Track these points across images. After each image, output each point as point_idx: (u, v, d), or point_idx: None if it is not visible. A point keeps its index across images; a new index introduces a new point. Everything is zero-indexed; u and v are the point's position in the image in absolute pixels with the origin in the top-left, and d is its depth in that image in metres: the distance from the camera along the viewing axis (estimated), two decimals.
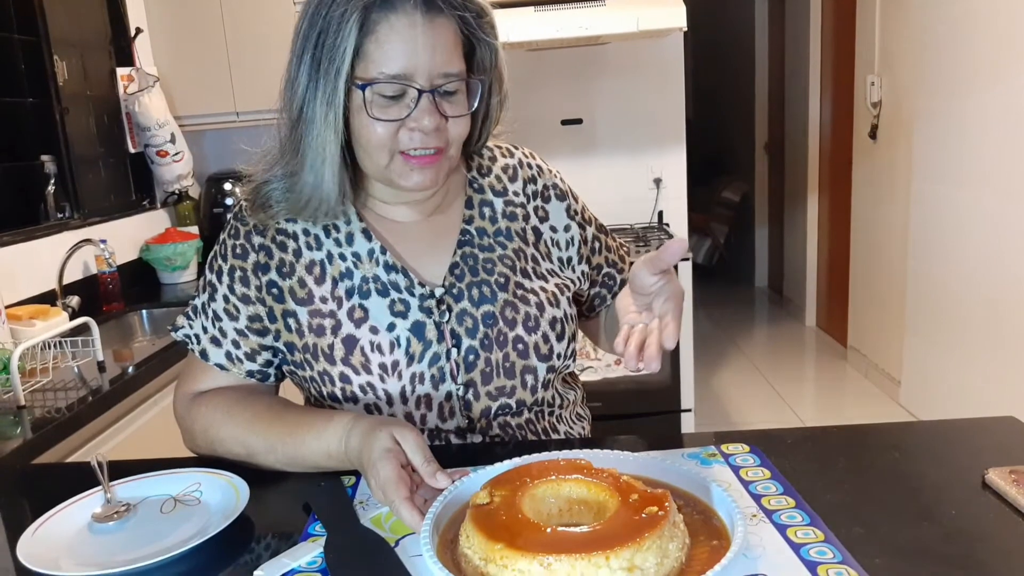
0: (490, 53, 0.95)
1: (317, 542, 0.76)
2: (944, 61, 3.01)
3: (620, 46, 3.36)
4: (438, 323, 0.97)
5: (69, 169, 2.44)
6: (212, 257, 1.02)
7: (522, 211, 1.05)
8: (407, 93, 0.88)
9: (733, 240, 6.05)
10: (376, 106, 0.88)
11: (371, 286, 0.97)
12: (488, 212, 1.04)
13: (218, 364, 1.00)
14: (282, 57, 0.93)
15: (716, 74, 6.63)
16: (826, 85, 4.51)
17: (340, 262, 0.98)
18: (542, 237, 1.06)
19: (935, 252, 3.16)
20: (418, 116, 0.88)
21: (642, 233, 3.26)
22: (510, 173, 1.07)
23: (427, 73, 0.87)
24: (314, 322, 0.96)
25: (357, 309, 0.96)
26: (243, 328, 0.99)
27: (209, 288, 1.01)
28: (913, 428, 1.19)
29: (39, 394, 1.61)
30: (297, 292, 0.97)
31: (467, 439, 0.99)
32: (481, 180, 1.05)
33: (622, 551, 0.63)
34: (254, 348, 1.00)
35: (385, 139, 0.89)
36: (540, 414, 1.04)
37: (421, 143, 0.89)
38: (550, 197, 1.08)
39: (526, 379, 1.00)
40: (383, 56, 0.86)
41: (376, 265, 0.98)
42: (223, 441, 0.96)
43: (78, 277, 2.38)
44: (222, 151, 3.26)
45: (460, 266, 1.00)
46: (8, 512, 0.95)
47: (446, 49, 0.88)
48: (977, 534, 0.73)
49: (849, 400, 3.84)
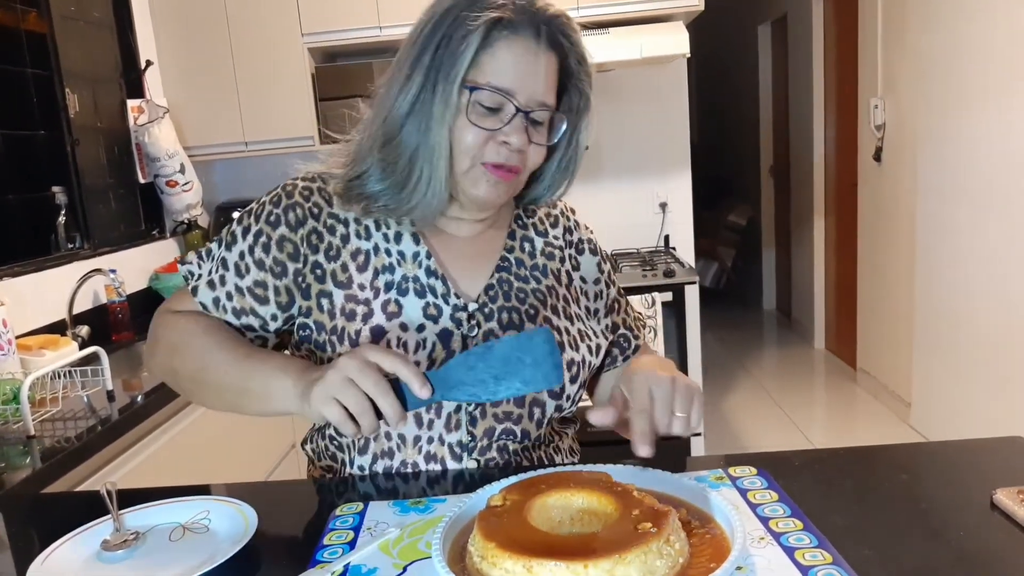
0: (580, 99, 1.00)
1: (324, 569, 0.76)
2: (946, 82, 3.03)
3: (625, 73, 3.40)
4: (465, 336, 1.00)
5: (80, 200, 2.47)
6: (246, 213, 1.02)
7: (559, 253, 1.11)
8: (504, 109, 0.93)
9: (740, 263, 6.05)
10: (475, 113, 0.93)
11: (410, 285, 1.00)
12: (528, 248, 1.09)
13: (202, 303, 1.00)
14: (289, 88, 0.95)
15: (721, 99, 6.68)
16: (830, 108, 4.54)
17: (385, 256, 1.01)
18: (573, 283, 1.11)
19: (942, 272, 3.16)
20: (509, 132, 0.93)
21: (648, 257, 3.27)
22: (551, 220, 1.13)
23: (527, 95, 0.93)
24: (348, 306, 0.98)
25: (392, 303, 0.99)
26: (245, 287, 0.99)
27: (229, 238, 1.01)
28: (921, 449, 1.19)
29: (48, 424, 1.62)
30: (338, 275, 1.00)
31: (463, 460, 1.00)
32: (526, 219, 1.11)
33: (601, 562, 0.64)
34: (244, 308, 1.00)
35: (474, 146, 0.93)
36: (537, 444, 1.06)
37: (505, 158, 0.94)
38: (584, 250, 1.14)
39: (533, 411, 1.02)
40: (494, 69, 0.92)
41: (418, 268, 1.01)
42: (187, 349, 0.97)
43: (88, 307, 2.40)
44: (231, 180, 3.29)
45: (495, 288, 1.03)
46: (18, 541, 0.95)
47: (547, 81, 0.95)
48: (986, 555, 0.72)
49: (859, 422, 3.81)
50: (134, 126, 2.76)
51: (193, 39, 2.92)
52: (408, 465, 1.00)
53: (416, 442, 0.99)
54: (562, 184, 1.07)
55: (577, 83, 0.99)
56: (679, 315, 2.97)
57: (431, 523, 0.83)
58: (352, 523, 0.86)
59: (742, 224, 5.96)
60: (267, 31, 2.87)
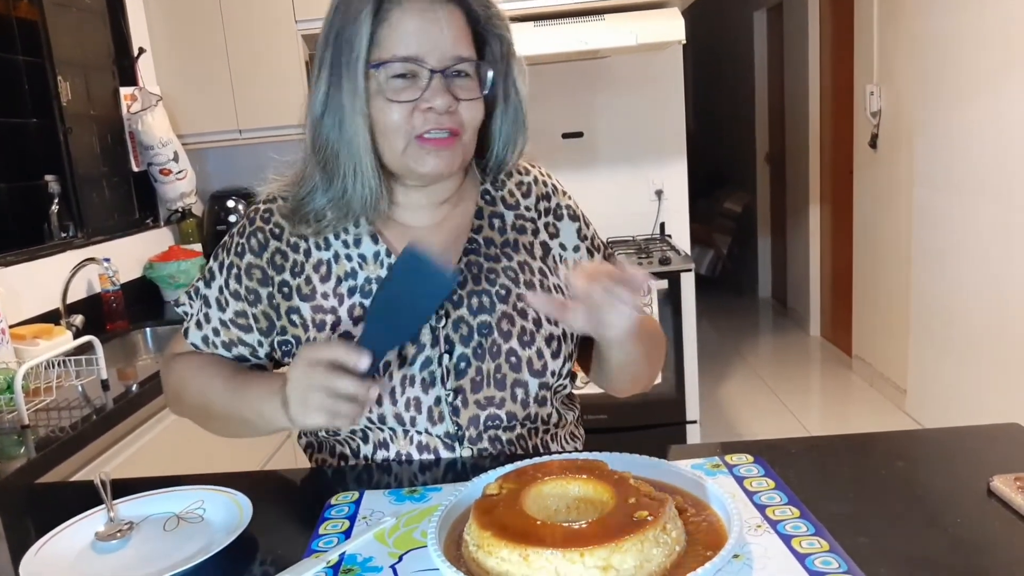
0: (500, 44, 0.98)
1: (320, 558, 0.75)
2: (942, 69, 3.03)
3: (620, 59, 3.38)
4: (433, 328, 0.98)
5: (73, 188, 2.45)
6: (219, 247, 1.07)
7: (532, 225, 1.06)
8: (419, 75, 0.91)
9: (736, 251, 6.05)
10: (391, 90, 0.91)
11: (373, 286, 0.99)
12: (498, 223, 1.05)
13: (193, 344, 1.07)
14: (283, 75, 0.95)
15: (716, 86, 6.66)
16: (826, 95, 4.53)
17: (346, 262, 1.01)
18: (550, 252, 1.07)
19: (938, 259, 3.16)
20: (430, 96, 0.91)
21: (644, 245, 3.27)
22: (524, 189, 1.08)
23: (438, 55, 0.91)
24: (317, 317, 0.99)
25: (357, 307, 0.99)
26: (227, 320, 1.04)
27: (208, 275, 1.06)
28: (917, 436, 1.19)
29: (43, 413, 1.61)
30: (303, 289, 1.01)
31: (456, 450, 0.99)
32: (494, 193, 1.07)
33: (598, 550, 0.64)
34: (232, 339, 1.04)
35: (400, 122, 0.92)
36: (534, 431, 1.04)
37: (435, 123, 0.92)
38: (562, 216, 1.09)
39: (516, 392, 0.99)
40: (395, 40, 0.90)
41: (381, 267, 1.00)
42: (188, 392, 1.04)
43: (82, 296, 2.38)
44: (225, 169, 3.27)
45: (463, 273, 1.01)
46: (12, 532, 0.95)
47: (453, 33, 0.92)
48: (983, 542, 0.73)
49: (855, 409, 3.82)
50: (127, 114, 2.74)
51: (186, 26, 2.88)
52: (403, 456, 1.00)
53: (406, 435, 0.99)
54: (517, 138, 1.03)
55: (492, 29, 0.97)
56: (675, 303, 2.97)
57: (426, 512, 0.83)
58: (347, 512, 0.85)
59: (738, 211, 5.95)
60: (260, 18, 2.83)
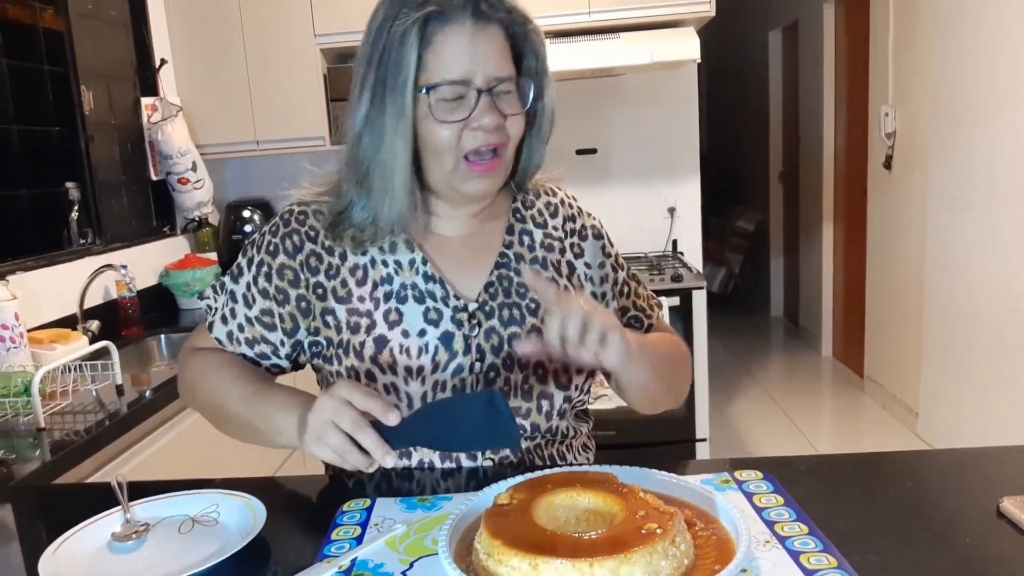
0: (536, 60, 1.00)
1: (332, 563, 0.76)
2: (958, 91, 3.03)
3: (635, 77, 3.40)
4: (467, 336, 1.00)
5: (93, 196, 2.49)
6: (250, 243, 1.07)
7: (559, 244, 1.10)
8: (467, 96, 0.93)
9: (748, 269, 6.04)
10: (441, 111, 0.93)
11: (408, 292, 1.01)
12: (527, 241, 1.08)
13: (217, 339, 1.06)
14: (301, 88, 0.97)
15: (731, 104, 6.68)
16: (840, 115, 4.53)
17: (382, 268, 1.02)
18: (576, 272, 1.10)
19: (952, 282, 3.15)
20: (479, 115, 0.93)
21: (656, 262, 3.27)
22: (551, 210, 1.11)
23: (483, 76, 0.93)
24: (351, 320, 1.01)
25: (393, 312, 1.00)
26: (253, 317, 1.04)
27: (236, 270, 1.06)
28: (927, 456, 1.19)
29: (58, 417, 1.63)
30: (338, 291, 1.02)
31: (478, 458, 1.02)
32: (524, 211, 1.10)
33: (607, 561, 0.65)
34: (255, 337, 1.04)
35: (451, 142, 0.94)
36: (551, 441, 1.07)
37: (484, 141, 0.94)
38: (587, 236, 1.12)
39: (542, 404, 1.02)
40: (442, 64, 0.92)
41: (416, 274, 1.02)
42: (205, 387, 1.04)
43: (99, 302, 2.41)
44: (242, 179, 3.31)
45: (495, 286, 1.03)
46: (27, 532, 0.96)
47: (497, 54, 0.95)
48: (992, 562, 0.73)
49: (866, 430, 3.79)
50: (147, 123, 2.78)
51: (207, 38, 2.93)
52: (425, 464, 1.02)
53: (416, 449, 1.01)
54: (541, 149, 1.06)
55: (529, 45, 0.99)
56: (686, 320, 2.97)
57: (438, 520, 0.84)
58: (359, 519, 0.86)
59: (750, 230, 5.94)
60: (280, 31, 2.88)
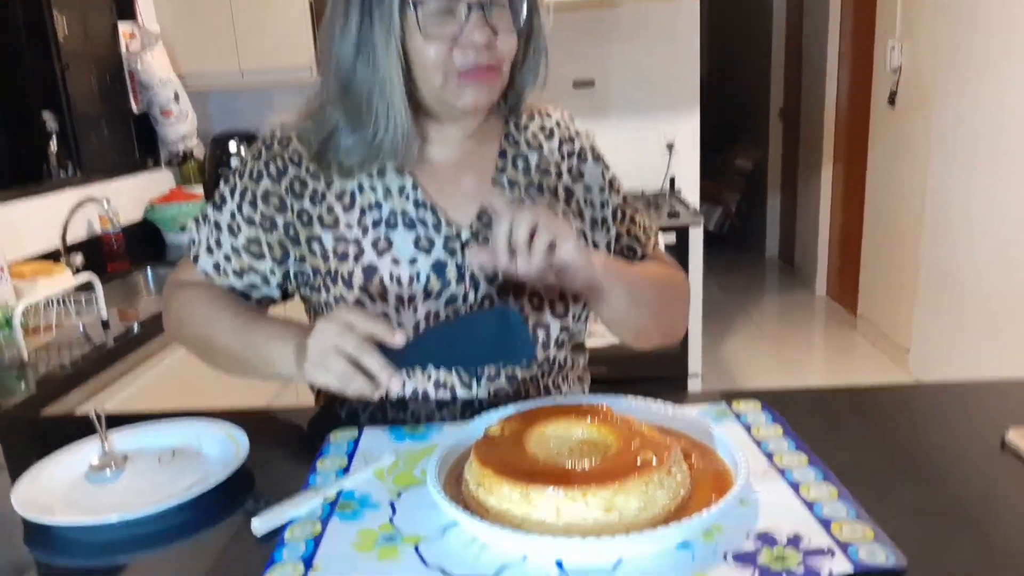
0: None
1: (318, 493, 0.74)
2: (969, 30, 2.93)
3: (634, 8, 3.28)
4: (459, 265, 0.97)
5: (71, 127, 2.41)
6: (232, 172, 1.03)
7: (556, 168, 1.05)
8: (457, 11, 0.88)
9: (744, 208, 5.98)
10: (430, 26, 0.88)
11: (399, 219, 0.97)
12: (522, 165, 1.03)
13: (204, 271, 1.02)
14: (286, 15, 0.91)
15: (731, 37, 6.51)
16: (845, 49, 4.42)
17: (371, 193, 0.98)
18: (574, 196, 1.05)
19: (951, 224, 3.11)
20: (470, 31, 0.88)
21: (653, 199, 3.22)
22: (547, 132, 1.07)
23: None
24: (339, 247, 0.97)
25: (382, 240, 0.97)
26: (239, 247, 1.00)
27: (219, 199, 1.02)
28: (928, 389, 1.17)
29: (43, 351, 1.60)
30: (325, 218, 0.98)
31: (472, 388, 0.99)
32: (517, 135, 1.05)
33: (601, 491, 0.63)
34: (243, 267, 1.01)
35: (440, 59, 0.89)
36: (547, 372, 1.04)
37: (475, 58, 0.89)
38: (587, 158, 1.08)
39: (538, 334, 1.00)
40: None
41: (406, 200, 0.98)
42: (193, 321, 1.00)
43: (83, 237, 2.36)
44: (226, 111, 3.22)
45: (489, 213, 0.98)
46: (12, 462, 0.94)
47: None
48: (996, 494, 0.71)
49: (858, 367, 3.82)
50: (126, 53, 2.68)
51: None
52: (419, 393, 0.99)
53: (424, 371, 0.98)
54: (539, 68, 1.00)
55: None
56: (682, 258, 2.94)
57: (426, 451, 0.82)
58: (346, 449, 0.84)
59: (748, 168, 5.87)
60: None
